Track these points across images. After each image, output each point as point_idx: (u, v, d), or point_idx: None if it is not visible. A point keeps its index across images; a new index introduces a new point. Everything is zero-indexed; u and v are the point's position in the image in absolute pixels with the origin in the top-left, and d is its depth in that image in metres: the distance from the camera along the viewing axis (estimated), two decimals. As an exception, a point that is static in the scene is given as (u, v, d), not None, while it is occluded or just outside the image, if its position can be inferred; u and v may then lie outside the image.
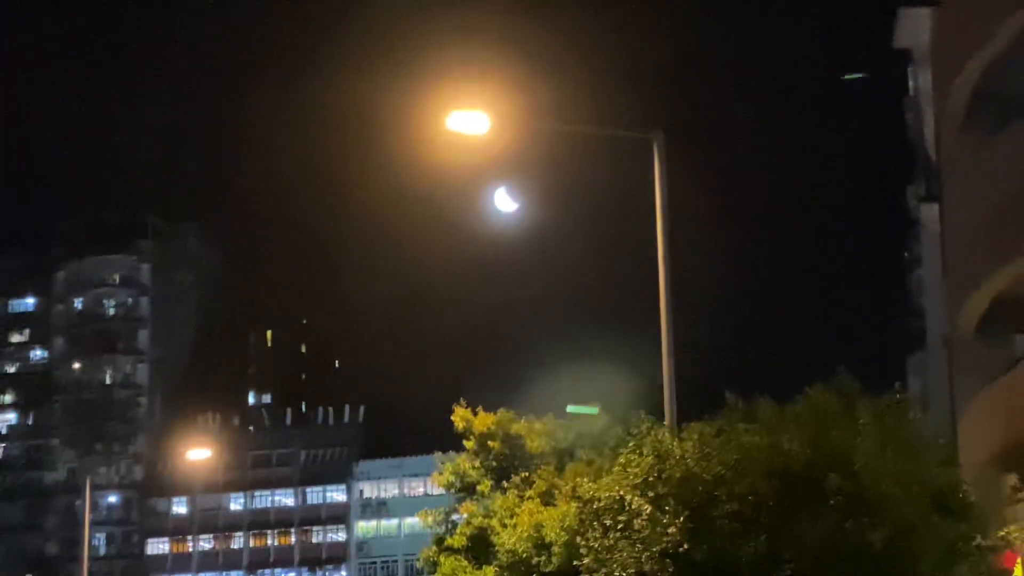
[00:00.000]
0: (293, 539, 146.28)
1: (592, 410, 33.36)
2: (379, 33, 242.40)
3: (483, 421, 37.74)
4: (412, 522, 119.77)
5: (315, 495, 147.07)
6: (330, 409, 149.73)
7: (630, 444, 22.38)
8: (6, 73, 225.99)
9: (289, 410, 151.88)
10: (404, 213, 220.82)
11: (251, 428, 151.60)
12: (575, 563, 23.10)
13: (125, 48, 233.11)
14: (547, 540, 28.43)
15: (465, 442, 38.16)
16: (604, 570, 21.02)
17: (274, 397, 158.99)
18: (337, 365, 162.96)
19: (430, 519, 40.03)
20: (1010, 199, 30.32)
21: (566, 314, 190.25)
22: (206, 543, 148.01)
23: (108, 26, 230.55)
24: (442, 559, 37.04)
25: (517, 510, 31.46)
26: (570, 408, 34.56)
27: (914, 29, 40.99)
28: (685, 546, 19.89)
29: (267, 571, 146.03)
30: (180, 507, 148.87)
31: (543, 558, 28.77)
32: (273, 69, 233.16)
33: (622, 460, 22.11)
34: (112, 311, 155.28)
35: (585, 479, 24.09)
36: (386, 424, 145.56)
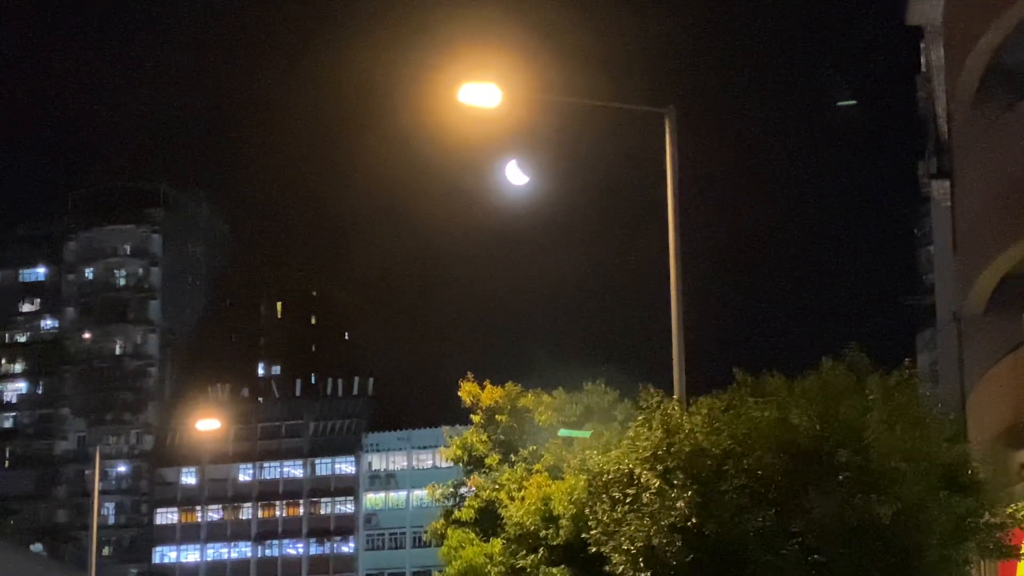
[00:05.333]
0: (301, 510, 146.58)
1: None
2: (392, 4, 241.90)
3: (490, 395, 37.77)
4: (420, 494, 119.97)
5: (324, 466, 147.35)
6: (339, 381, 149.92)
7: (639, 418, 22.43)
8: (18, 41, 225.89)
9: (299, 381, 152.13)
10: (415, 184, 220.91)
11: (260, 399, 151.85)
12: (583, 536, 23.16)
13: (138, 16, 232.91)
14: (555, 513, 28.48)
15: (472, 416, 38.20)
16: (612, 543, 21.07)
17: (284, 368, 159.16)
18: (347, 337, 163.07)
19: (438, 492, 40.11)
20: (1022, 175, 30.29)
21: (576, 287, 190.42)
22: (215, 513, 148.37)
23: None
24: (450, 532, 37.14)
25: (525, 483, 31.51)
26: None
27: (926, 5, 40.87)
28: (693, 520, 19.93)
29: (275, 542, 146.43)
30: (189, 477, 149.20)
31: (551, 531, 28.82)
32: (286, 39, 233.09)
33: (631, 434, 22.16)
34: (123, 281, 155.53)
35: (594, 452, 24.13)
36: (395, 396, 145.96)
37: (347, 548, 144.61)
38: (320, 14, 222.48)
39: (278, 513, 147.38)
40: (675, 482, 20.32)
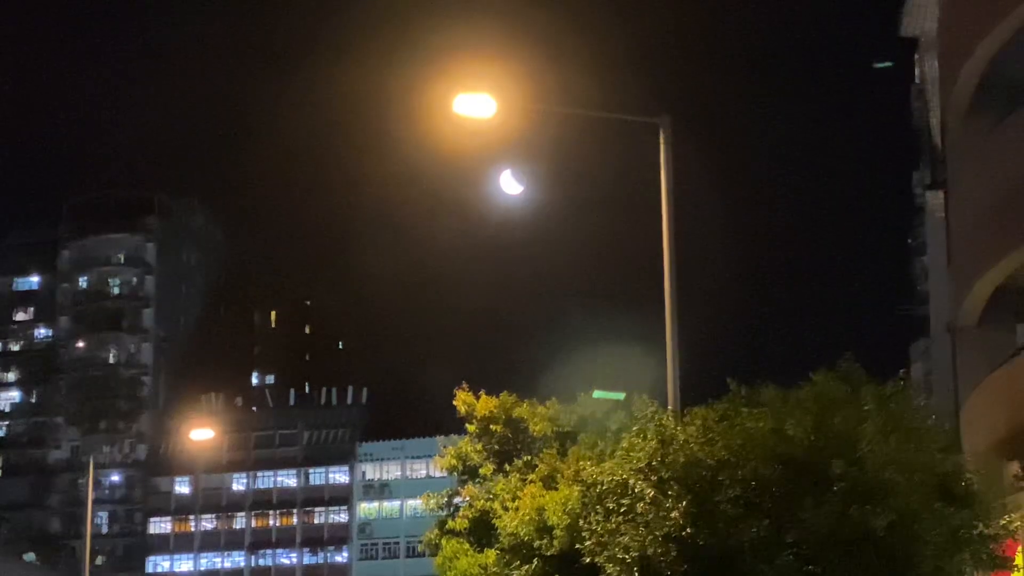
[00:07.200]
0: (295, 520, 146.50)
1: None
2: (387, 15, 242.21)
3: (485, 405, 37.71)
4: (414, 504, 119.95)
5: (318, 476, 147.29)
6: (333, 390, 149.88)
7: (634, 428, 22.40)
8: (13, 48, 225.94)
9: (293, 390, 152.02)
10: (410, 194, 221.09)
11: (254, 408, 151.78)
12: (577, 546, 23.12)
13: (134, 25, 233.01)
14: (549, 523, 28.39)
15: (467, 425, 38.14)
16: (606, 553, 21.04)
17: (278, 377, 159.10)
18: (341, 346, 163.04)
19: (432, 502, 40.02)
20: (1016, 186, 30.29)
21: (571, 297, 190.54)
22: (208, 523, 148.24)
23: (117, 2, 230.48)
24: (444, 542, 37.05)
25: (519, 493, 31.42)
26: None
27: (921, 16, 40.96)
28: (688, 530, 19.91)
29: (269, 551, 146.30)
30: (183, 486, 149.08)
31: (545, 541, 28.74)
32: (282, 49, 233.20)
33: (625, 444, 22.12)
34: (117, 290, 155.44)
35: (588, 463, 24.10)
36: (389, 405, 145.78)
37: (341, 558, 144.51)
38: (315, 25, 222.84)
39: (272, 522, 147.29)
40: (670, 492, 20.29)
